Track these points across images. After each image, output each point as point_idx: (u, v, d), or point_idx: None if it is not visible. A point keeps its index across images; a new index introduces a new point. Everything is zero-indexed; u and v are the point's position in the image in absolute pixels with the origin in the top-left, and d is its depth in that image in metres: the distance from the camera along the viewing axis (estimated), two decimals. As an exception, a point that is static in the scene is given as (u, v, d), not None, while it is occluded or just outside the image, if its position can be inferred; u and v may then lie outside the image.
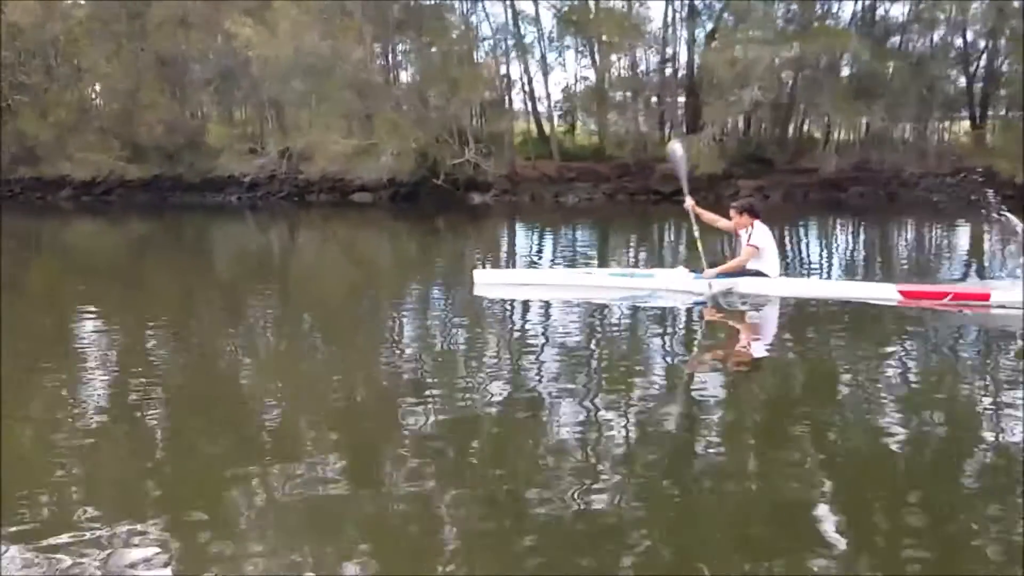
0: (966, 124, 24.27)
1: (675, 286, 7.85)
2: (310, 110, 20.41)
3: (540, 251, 13.92)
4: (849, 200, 20.83)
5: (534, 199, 21.87)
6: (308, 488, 3.48)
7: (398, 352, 6.26)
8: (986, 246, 11.65)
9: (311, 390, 5.12)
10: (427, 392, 4.94)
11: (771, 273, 7.88)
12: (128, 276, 11.59)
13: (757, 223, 7.96)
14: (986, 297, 7.04)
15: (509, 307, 8.00)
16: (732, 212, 8.13)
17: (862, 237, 15.86)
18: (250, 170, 22.19)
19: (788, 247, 12.86)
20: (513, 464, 3.81)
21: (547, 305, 7.84)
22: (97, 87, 23.05)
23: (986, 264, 10.43)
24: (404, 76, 23.74)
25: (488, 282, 8.52)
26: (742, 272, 7.85)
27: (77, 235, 18.38)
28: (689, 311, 7.39)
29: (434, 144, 20.53)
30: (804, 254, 12.66)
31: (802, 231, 16.41)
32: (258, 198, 23.38)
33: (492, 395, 4.83)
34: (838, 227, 17.35)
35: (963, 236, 14.36)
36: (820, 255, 12.80)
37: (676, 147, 9.21)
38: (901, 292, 7.33)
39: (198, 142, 23.10)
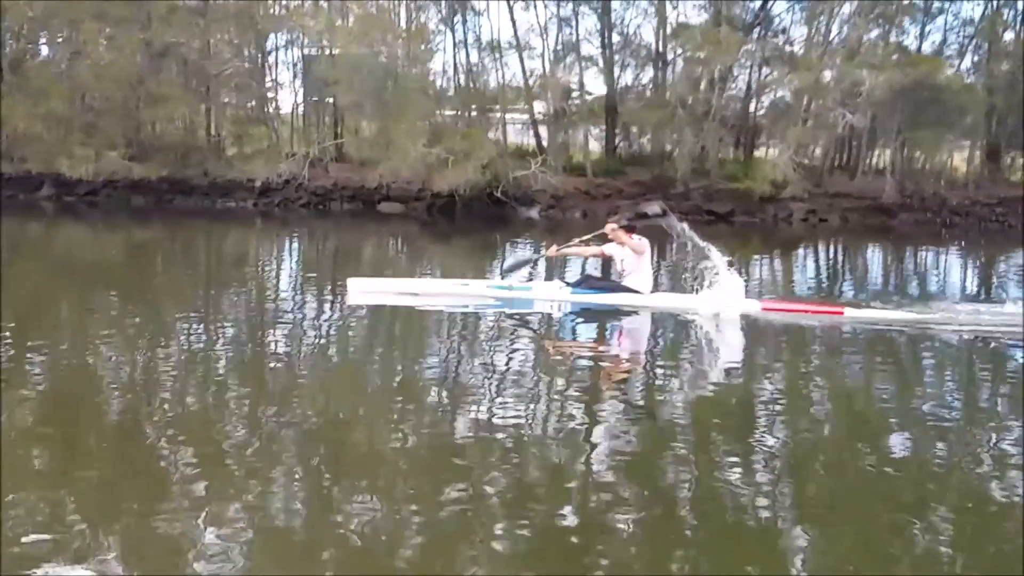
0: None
1: (549, 297, 8.35)
2: (366, 112, 18.66)
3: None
4: (901, 227, 20.70)
5: (586, 216, 20.80)
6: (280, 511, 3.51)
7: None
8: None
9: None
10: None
11: (640, 288, 8.28)
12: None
13: (633, 238, 8.26)
14: (840, 313, 8.04)
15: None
16: (607, 229, 8.38)
17: (877, 261, 16.42)
18: (271, 174, 20.31)
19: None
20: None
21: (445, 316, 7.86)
22: (94, 76, 20.37)
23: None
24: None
25: (363, 290, 8.40)
26: (612, 287, 8.40)
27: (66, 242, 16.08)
28: (561, 321, 8.11)
29: (496, 156, 19.22)
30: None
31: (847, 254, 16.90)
32: (275, 205, 21.46)
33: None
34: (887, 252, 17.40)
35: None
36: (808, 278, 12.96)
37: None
38: (763, 307, 8.14)
39: (210, 142, 21.00)
